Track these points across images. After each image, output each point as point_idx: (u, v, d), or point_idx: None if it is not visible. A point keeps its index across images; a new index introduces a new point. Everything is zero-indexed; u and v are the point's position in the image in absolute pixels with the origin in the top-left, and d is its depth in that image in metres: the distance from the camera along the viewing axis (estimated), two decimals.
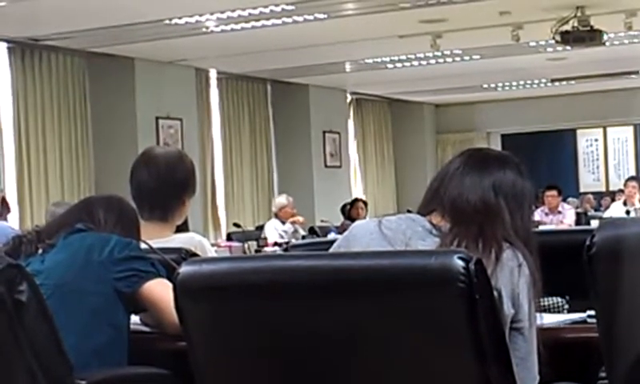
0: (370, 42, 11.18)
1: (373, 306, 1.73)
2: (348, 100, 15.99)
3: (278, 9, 9.25)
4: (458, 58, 12.64)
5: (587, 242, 1.93)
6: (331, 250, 2.30)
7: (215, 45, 10.94)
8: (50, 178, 10.85)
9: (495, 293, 1.84)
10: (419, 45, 11.27)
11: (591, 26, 9.69)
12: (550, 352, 2.21)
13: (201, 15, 9.47)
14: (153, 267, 2.83)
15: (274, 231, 10.66)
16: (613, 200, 13.32)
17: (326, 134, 14.82)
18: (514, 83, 15.68)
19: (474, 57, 12.59)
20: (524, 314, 2.16)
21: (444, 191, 2.31)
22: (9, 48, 10.56)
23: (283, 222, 10.87)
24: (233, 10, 9.29)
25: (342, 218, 12.69)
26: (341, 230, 9.88)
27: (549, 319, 2.61)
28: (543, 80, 15.30)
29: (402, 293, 1.71)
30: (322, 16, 9.67)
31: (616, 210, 10.93)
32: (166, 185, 3.52)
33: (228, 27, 9.96)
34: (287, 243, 8.70)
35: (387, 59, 12.66)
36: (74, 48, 10.77)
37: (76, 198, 10.06)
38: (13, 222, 8.00)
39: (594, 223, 8.98)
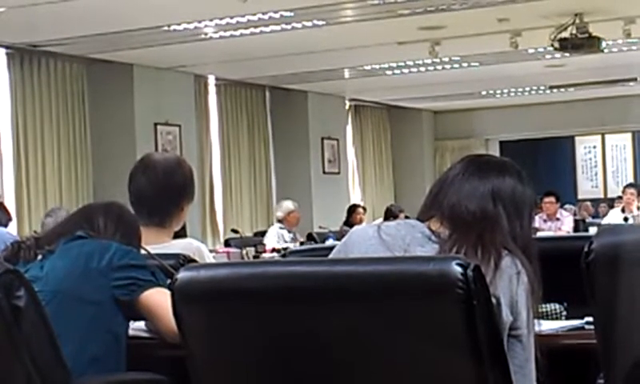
0: (368, 48, 11.18)
1: (371, 312, 1.73)
2: (346, 106, 15.98)
3: (277, 15, 9.25)
4: (456, 65, 12.64)
5: (585, 249, 1.93)
6: (330, 256, 2.30)
7: (214, 51, 10.94)
8: (49, 184, 10.83)
9: (494, 300, 1.84)
10: (418, 51, 11.27)
11: (589, 33, 9.68)
12: (548, 359, 2.21)
13: (200, 22, 9.47)
14: (152, 276, 2.82)
15: (279, 238, 10.43)
16: (610, 207, 13.32)
17: (325, 141, 14.81)
18: (513, 90, 15.67)
19: (473, 64, 12.59)
20: (522, 322, 2.16)
21: (443, 197, 2.30)
22: (8, 54, 10.55)
23: (289, 231, 10.67)
24: (232, 17, 9.28)
25: (339, 224, 12.65)
26: (339, 235, 9.86)
27: (547, 326, 2.61)
28: (541, 87, 15.29)
29: (401, 299, 1.71)
30: (320, 23, 9.66)
31: (614, 217, 10.92)
32: (165, 191, 3.52)
33: (227, 34, 9.96)
34: (285, 249, 8.65)
35: (386, 66, 12.65)
36: (72, 54, 10.77)
37: (74, 205, 10.05)
38: (11, 228, 7.98)
39: (593, 230, 8.96)
